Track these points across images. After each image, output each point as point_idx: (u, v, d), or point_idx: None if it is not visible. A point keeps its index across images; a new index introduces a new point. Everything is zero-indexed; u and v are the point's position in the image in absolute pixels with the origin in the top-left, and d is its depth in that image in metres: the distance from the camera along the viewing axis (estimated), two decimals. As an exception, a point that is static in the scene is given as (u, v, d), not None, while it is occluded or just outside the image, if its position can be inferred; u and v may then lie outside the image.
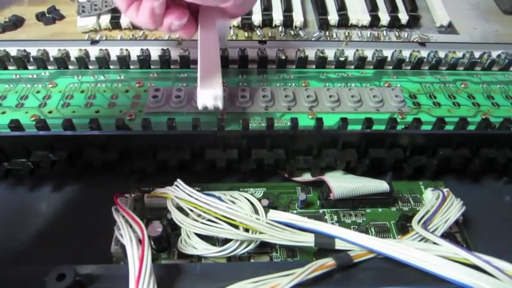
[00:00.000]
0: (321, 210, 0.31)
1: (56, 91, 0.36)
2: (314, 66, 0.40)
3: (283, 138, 0.31)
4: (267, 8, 0.48)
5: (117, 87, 0.37)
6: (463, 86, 0.39)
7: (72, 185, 0.32)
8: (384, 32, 0.48)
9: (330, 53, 0.41)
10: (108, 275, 0.23)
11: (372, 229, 0.30)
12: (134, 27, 0.47)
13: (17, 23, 0.48)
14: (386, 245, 0.25)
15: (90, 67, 0.39)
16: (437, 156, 0.32)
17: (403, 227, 0.29)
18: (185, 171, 0.31)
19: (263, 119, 0.34)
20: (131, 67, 0.39)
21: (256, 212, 0.27)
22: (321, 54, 0.40)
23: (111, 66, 0.39)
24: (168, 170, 0.31)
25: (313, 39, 0.47)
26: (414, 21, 0.49)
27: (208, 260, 0.27)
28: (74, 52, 0.39)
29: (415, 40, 0.47)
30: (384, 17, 0.48)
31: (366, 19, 0.48)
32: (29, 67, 0.39)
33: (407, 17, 0.49)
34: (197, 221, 0.26)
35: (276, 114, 0.35)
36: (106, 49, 0.39)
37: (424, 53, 0.41)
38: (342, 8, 0.48)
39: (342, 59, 0.40)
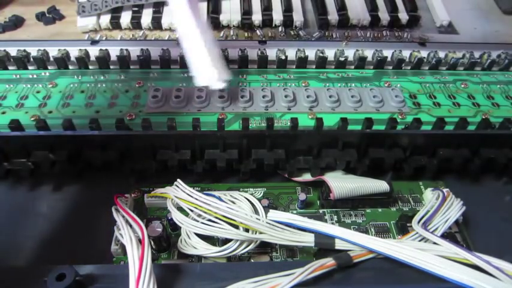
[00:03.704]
0: (321, 210, 0.31)
1: (56, 91, 0.36)
2: (314, 66, 0.40)
3: (283, 138, 0.31)
4: (267, 8, 0.48)
5: (117, 87, 0.37)
6: (463, 86, 0.39)
7: (72, 185, 0.32)
8: (384, 32, 0.48)
9: (330, 53, 0.41)
10: (108, 275, 0.23)
11: (372, 229, 0.30)
12: (134, 27, 0.47)
13: (17, 23, 0.48)
14: (386, 245, 0.25)
15: (90, 67, 0.39)
16: (437, 156, 0.32)
17: (403, 227, 0.29)
18: (185, 171, 0.31)
19: (263, 119, 0.34)
20: (131, 67, 0.39)
21: (256, 212, 0.27)
22: (321, 54, 0.40)
23: (111, 66, 0.39)
24: (168, 170, 0.31)
25: (313, 39, 0.47)
26: (414, 21, 0.49)
27: (208, 260, 0.27)
28: (74, 52, 0.39)
29: (415, 40, 0.47)
30: (384, 17, 0.48)
31: (366, 19, 0.48)
32: (29, 67, 0.39)
33: (407, 17, 0.49)
34: (197, 221, 0.26)
35: (276, 114, 0.35)
36: (106, 49, 0.39)
37: (424, 53, 0.41)
38: (342, 8, 0.48)
39: (342, 59, 0.40)
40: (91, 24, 0.46)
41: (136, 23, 0.46)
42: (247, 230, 0.26)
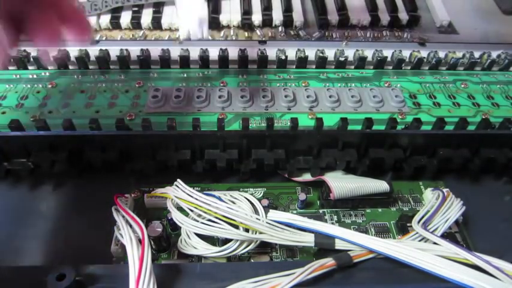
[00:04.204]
0: (321, 210, 0.31)
1: (56, 91, 0.36)
2: (314, 66, 0.40)
3: (283, 138, 0.31)
4: (267, 8, 0.48)
5: (117, 87, 0.37)
6: (463, 86, 0.39)
7: (72, 185, 0.32)
8: (384, 32, 0.48)
9: (330, 53, 0.41)
10: (108, 275, 0.23)
11: (372, 229, 0.30)
12: (134, 27, 0.47)
13: (17, 23, 0.48)
14: (386, 245, 0.25)
15: (90, 67, 0.39)
16: (437, 156, 0.32)
17: (403, 227, 0.29)
18: (185, 171, 0.31)
19: (263, 119, 0.34)
20: (131, 67, 0.39)
21: (256, 212, 0.27)
22: (321, 54, 0.40)
23: (111, 66, 0.39)
24: (168, 170, 0.31)
25: (313, 39, 0.47)
26: (414, 21, 0.49)
27: (208, 260, 0.27)
28: (74, 52, 0.39)
29: (415, 40, 0.47)
30: (384, 17, 0.48)
31: (366, 19, 0.48)
32: (29, 67, 0.39)
33: (407, 17, 0.49)
34: (197, 221, 0.26)
35: (276, 114, 0.35)
36: (106, 49, 0.39)
37: (424, 53, 0.41)
38: (342, 8, 0.48)
39: (342, 59, 0.40)
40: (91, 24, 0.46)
41: (136, 23, 0.46)
42: (247, 230, 0.26)
